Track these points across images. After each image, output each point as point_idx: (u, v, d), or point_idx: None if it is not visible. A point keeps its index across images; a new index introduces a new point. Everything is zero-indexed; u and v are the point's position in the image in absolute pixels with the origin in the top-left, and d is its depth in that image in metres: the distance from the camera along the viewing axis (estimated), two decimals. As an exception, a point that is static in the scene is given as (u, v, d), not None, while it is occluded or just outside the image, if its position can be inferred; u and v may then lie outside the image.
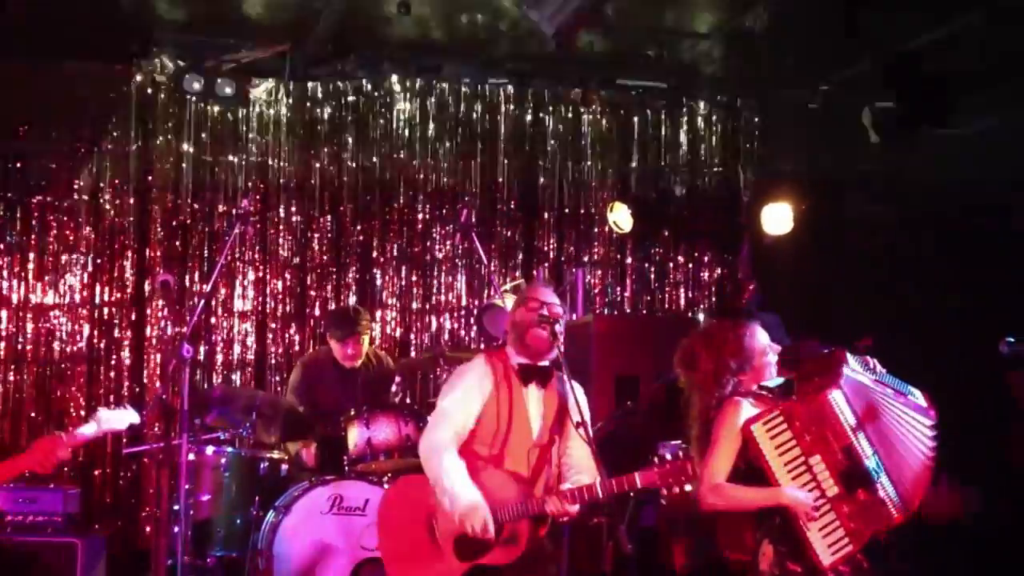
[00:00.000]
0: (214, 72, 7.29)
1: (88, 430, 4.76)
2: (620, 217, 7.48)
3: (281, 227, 7.71)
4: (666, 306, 8.11)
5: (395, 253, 7.85)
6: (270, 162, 7.70)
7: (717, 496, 3.91)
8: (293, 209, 7.73)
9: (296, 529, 5.68)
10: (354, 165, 7.80)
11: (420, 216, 7.88)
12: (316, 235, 7.75)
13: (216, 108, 7.59)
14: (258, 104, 7.65)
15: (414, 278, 7.86)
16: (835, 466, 3.88)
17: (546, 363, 4.53)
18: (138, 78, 7.45)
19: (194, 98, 7.47)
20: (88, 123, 7.43)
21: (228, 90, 7.32)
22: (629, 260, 8.12)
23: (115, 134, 7.47)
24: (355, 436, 5.95)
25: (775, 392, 4.03)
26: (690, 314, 8.06)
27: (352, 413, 6.01)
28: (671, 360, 5.36)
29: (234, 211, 7.46)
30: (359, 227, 7.81)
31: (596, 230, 8.10)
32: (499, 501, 4.29)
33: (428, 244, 7.88)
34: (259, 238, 7.65)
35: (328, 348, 6.68)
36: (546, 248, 8.04)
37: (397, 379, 7.44)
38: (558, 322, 4.46)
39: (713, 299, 8.14)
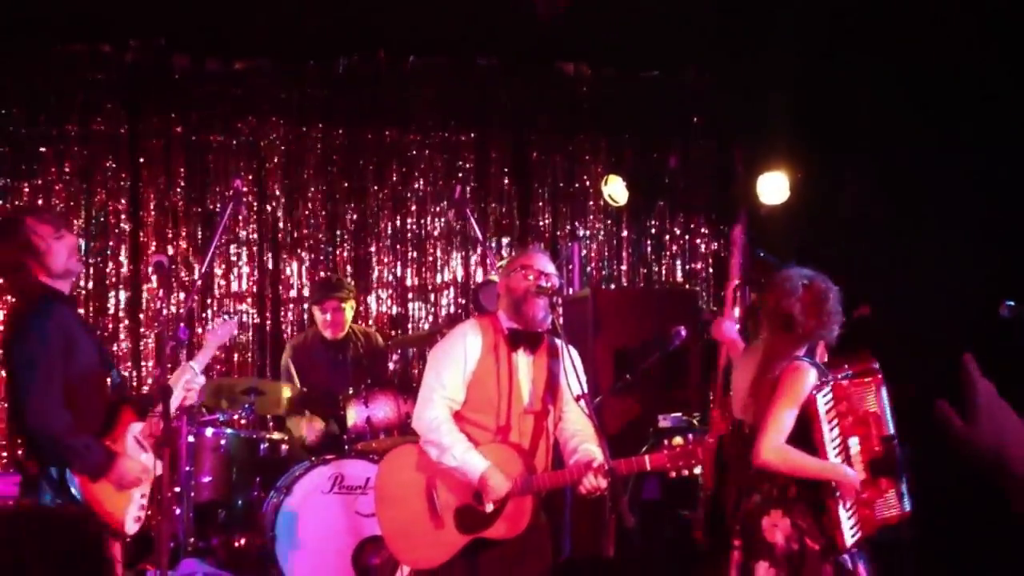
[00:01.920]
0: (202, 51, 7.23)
1: (207, 352, 4.80)
2: (615, 190, 7.43)
3: (275, 206, 7.66)
4: (663, 279, 8.10)
5: (389, 231, 7.82)
6: (262, 141, 7.65)
7: (779, 457, 3.85)
8: (287, 188, 7.69)
9: (298, 509, 5.68)
10: (347, 143, 7.75)
11: (413, 193, 7.84)
12: (309, 214, 7.71)
13: (206, 87, 7.53)
14: (249, 82, 7.59)
15: (409, 256, 7.83)
16: (868, 452, 3.93)
17: (537, 330, 4.45)
18: (127, 58, 7.39)
19: (184, 78, 7.42)
20: (77, 105, 7.36)
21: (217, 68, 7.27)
22: (625, 233, 8.10)
23: (104, 115, 7.40)
24: (354, 415, 5.95)
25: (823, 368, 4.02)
26: (688, 286, 8.05)
27: (351, 392, 6.02)
28: (668, 330, 5.36)
29: (227, 191, 7.41)
30: (352, 205, 7.76)
31: (591, 204, 8.06)
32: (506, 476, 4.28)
33: (422, 221, 7.85)
34: (253, 218, 7.61)
35: (316, 330, 6.68)
36: (541, 223, 8.01)
37: (394, 357, 7.44)
38: (556, 294, 4.44)
39: (711, 271, 8.13)
